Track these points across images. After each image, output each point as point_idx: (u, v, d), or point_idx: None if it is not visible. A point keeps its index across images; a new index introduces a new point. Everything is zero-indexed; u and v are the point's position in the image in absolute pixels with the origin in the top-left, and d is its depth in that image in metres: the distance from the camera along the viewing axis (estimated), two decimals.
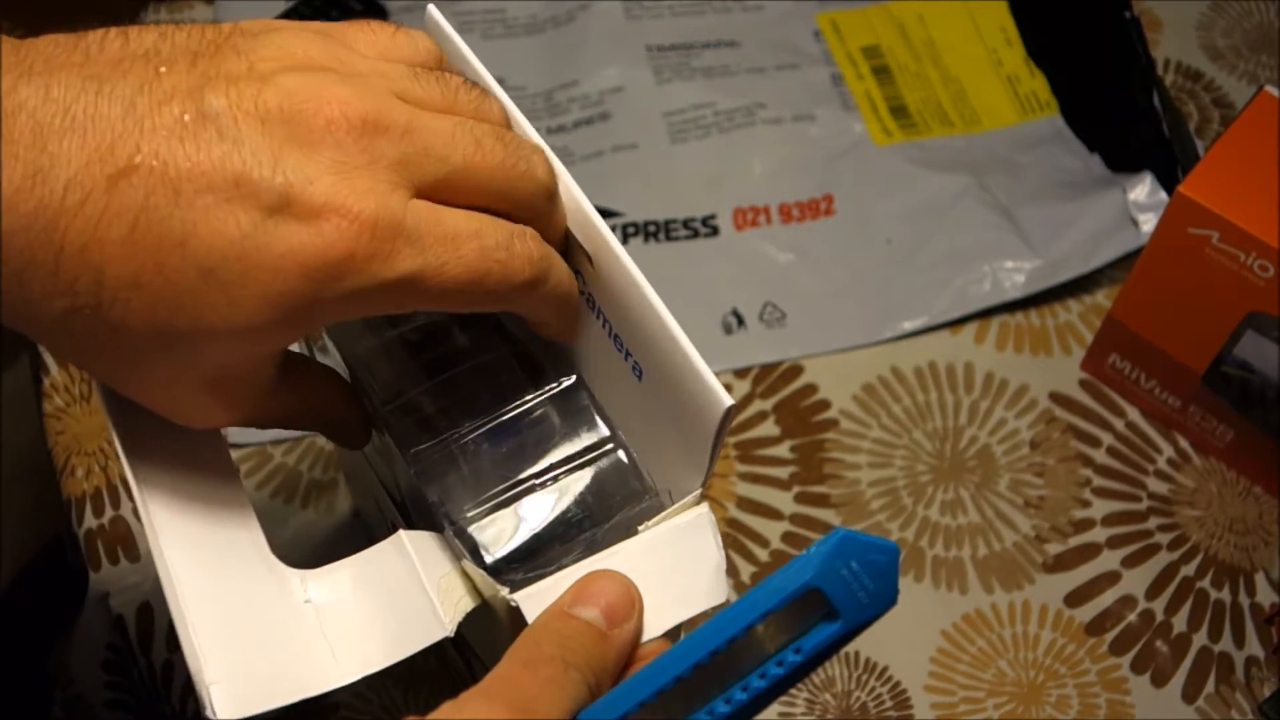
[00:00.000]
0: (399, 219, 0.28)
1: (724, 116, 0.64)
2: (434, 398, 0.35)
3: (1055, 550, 0.54)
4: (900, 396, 0.57)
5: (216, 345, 0.29)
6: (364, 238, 0.28)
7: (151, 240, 0.27)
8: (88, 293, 0.27)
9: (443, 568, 0.32)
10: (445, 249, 0.29)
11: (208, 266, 0.27)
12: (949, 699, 0.50)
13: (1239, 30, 0.70)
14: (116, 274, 0.27)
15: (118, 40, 0.28)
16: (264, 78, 0.28)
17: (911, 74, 0.66)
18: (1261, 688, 0.50)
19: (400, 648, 0.31)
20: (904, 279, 0.60)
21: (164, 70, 0.28)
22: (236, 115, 0.27)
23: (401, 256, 0.28)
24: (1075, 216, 0.60)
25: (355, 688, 0.49)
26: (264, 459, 0.55)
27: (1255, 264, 0.48)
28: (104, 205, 0.26)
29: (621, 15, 0.67)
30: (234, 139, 0.27)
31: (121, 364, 0.29)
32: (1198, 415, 0.55)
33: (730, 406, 0.30)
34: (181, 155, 0.27)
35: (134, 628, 0.51)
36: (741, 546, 0.53)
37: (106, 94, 0.27)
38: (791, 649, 0.28)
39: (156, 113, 0.27)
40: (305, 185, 0.27)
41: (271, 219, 0.27)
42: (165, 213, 0.27)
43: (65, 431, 0.55)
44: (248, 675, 0.29)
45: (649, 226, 0.61)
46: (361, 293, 0.28)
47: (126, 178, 0.26)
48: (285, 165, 0.27)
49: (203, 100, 0.27)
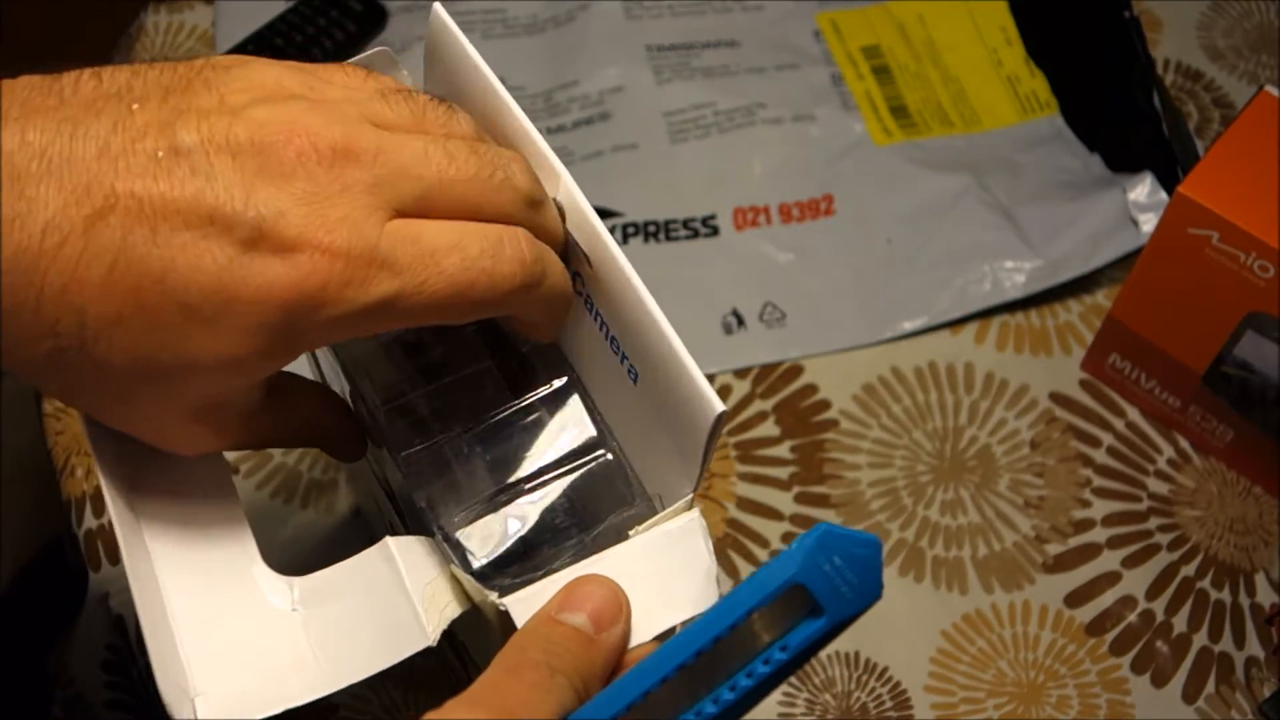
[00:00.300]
0: (372, 245, 0.29)
1: (724, 116, 0.64)
2: (428, 400, 0.35)
3: (1055, 550, 0.54)
4: (900, 396, 0.57)
5: (200, 377, 0.29)
6: (337, 267, 0.28)
7: (131, 279, 0.27)
8: (70, 333, 0.27)
9: (430, 573, 0.32)
10: (425, 267, 0.29)
11: (187, 302, 0.28)
12: (949, 699, 0.50)
13: (1239, 30, 0.70)
14: (98, 313, 0.27)
15: (91, 81, 0.28)
16: (234, 111, 0.29)
17: (911, 74, 0.66)
18: (1261, 688, 0.50)
19: (382, 657, 0.31)
20: (904, 279, 0.60)
21: (136, 108, 0.28)
22: (208, 149, 0.28)
23: (377, 281, 0.29)
24: (1075, 216, 0.60)
25: (355, 688, 0.49)
26: (264, 459, 0.55)
27: (1255, 264, 0.48)
28: (82, 246, 0.27)
29: (621, 15, 0.67)
30: (206, 174, 0.28)
31: (108, 399, 0.30)
32: (1198, 415, 0.55)
33: (722, 413, 0.30)
34: (156, 192, 0.27)
35: (134, 628, 0.51)
36: (741, 546, 0.53)
37: (81, 135, 0.27)
38: (778, 647, 0.28)
39: (130, 151, 0.27)
40: (278, 219, 0.28)
41: (246, 253, 0.28)
42: (144, 251, 0.27)
43: (65, 431, 0.55)
44: (232, 685, 0.30)
45: (649, 226, 0.61)
46: (339, 320, 0.29)
47: (103, 218, 0.27)
48: (257, 199, 0.28)
49: (175, 136, 0.28)
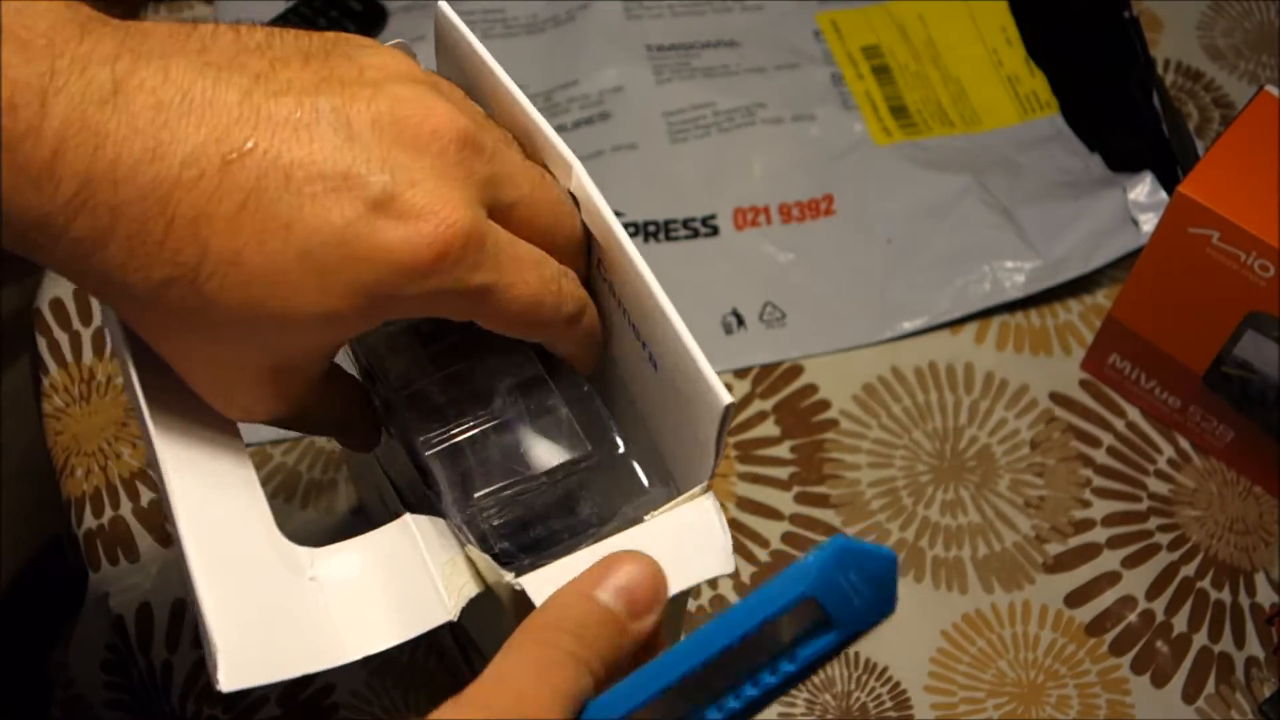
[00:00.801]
0: (484, 233, 0.30)
1: (724, 116, 0.64)
2: (444, 388, 0.36)
3: (1055, 550, 0.54)
4: (900, 396, 0.57)
5: (297, 328, 0.30)
6: (456, 243, 0.29)
7: (259, 220, 0.28)
8: (189, 264, 0.28)
9: (447, 553, 0.33)
10: (515, 270, 0.31)
11: (307, 250, 0.28)
12: (949, 699, 0.50)
13: (1239, 30, 0.70)
14: (219, 248, 0.28)
15: (229, 34, 0.30)
16: (375, 84, 0.30)
17: (911, 74, 0.66)
18: (1262, 688, 0.50)
19: (404, 629, 0.31)
20: (904, 279, 0.60)
21: (278, 66, 0.29)
22: (349, 114, 0.29)
23: (483, 268, 0.30)
24: (1075, 216, 0.60)
25: (355, 688, 0.49)
26: (264, 459, 0.55)
27: (1255, 264, 0.48)
28: (217, 183, 0.28)
29: (621, 15, 0.67)
30: (346, 135, 0.29)
31: (198, 338, 0.30)
32: (1198, 415, 0.55)
33: (729, 405, 0.31)
34: (295, 145, 0.28)
35: (133, 628, 0.51)
36: (741, 546, 0.53)
37: (224, 82, 0.28)
38: (786, 659, 0.28)
39: (273, 103, 0.28)
40: (408, 186, 0.29)
41: (373, 213, 0.29)
42: (274, 195, 0.28)
43: (65, 431, 0.55)
44: (254, 647, 0.30)
45: (649, 226, 0.61)
46: (440, 294, 0.30)
47: (241, 161, 0.28)
48: (391, 165, 0.29)
49: (317, 97, 0.29)
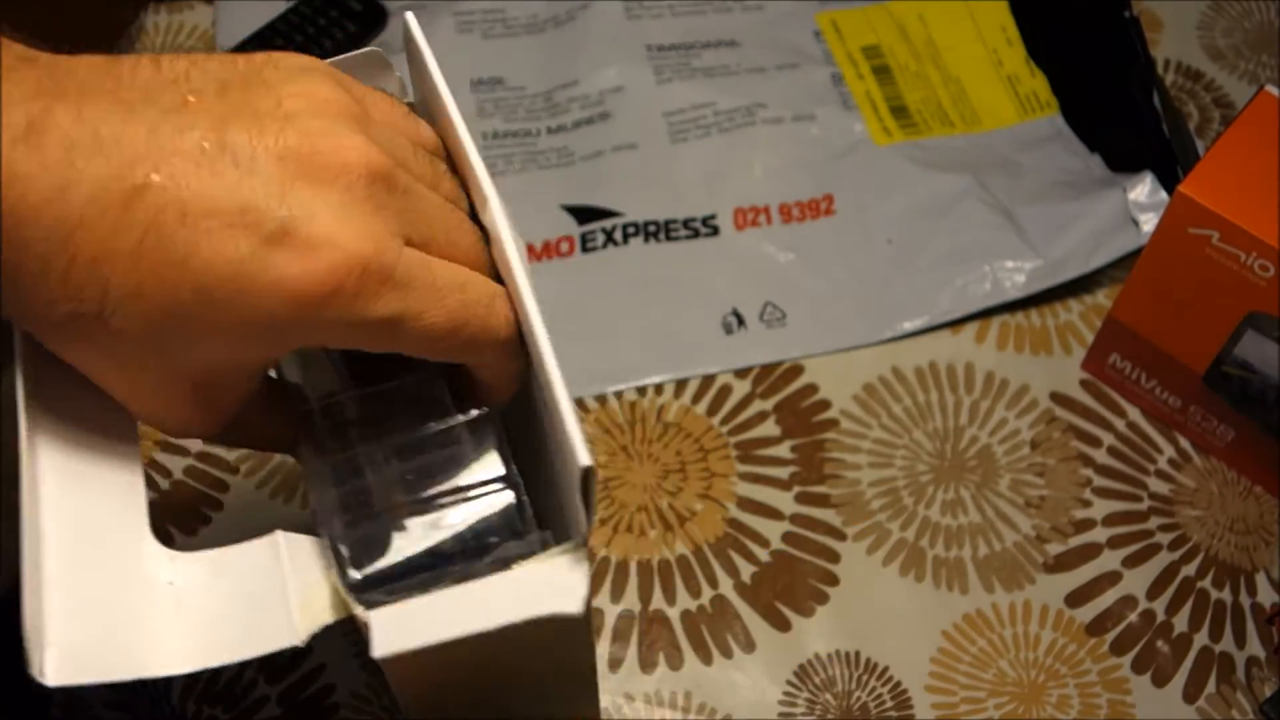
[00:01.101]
0: (390, 264, 0.30)
1: (724, 116, 0.64)
2: (353, 407, 0.35)
3: (1056, 550, 0.54)
4: (900, 396, 0.57)
5: (204, 355, 0.30)
6: (353, 275, 0.29)
7: (157, 255, 0.28)
8: (92, 300, 0.28)
9: (312, 575, 0.32)
10: (430, 297, 0.31)
11: (203, 285, 0.28)
12: (949, 699, 0.50)
13: (1239, 30, 0.70)
14: (120, 284, 0.28)
15: (150, 68, 0.29)
16: (288, 116, 0.30)
17: (912, 74, 0.66)
18: (1262, 688, 0.50)
19: (247, 647, 0.31)
20: (904, 279, 0.60)
21: (192, 99, 0.29)
22: (255, 148, 0.29)
23: (386, 299, 0.30)
24: (1075, 216, 0.60)
25: (355, 689, 0.49)
26: (264, 459, 0.55)
27: (1255, 264, 0.48)
28: (117, 219, 0.28)
29: (621, 15, 0.67)
30: (248, 170, 0.29)
31: (113, 365, 0.30)
32: (1198, 415, 0.55)
33: (588, 468, 0.30)
34: (195, 180, 0.28)
35: None
36: (742, 546, 0.53)
37: (135, 118, 0.28)
38: None
39: (179, 138, 0.28)
40: (308, 220, 0.29)
41: (267, 247, 0.28)
42: (171, 230, 0.28)
43: None
44: (89, 645, 0.29)
45: (649, 226, 0.61)
46: (341, 326, 0.30)
47: (140, 195, 0.28)
48: (291, 199, 0.29)
49: (226, 131, 0.29)
